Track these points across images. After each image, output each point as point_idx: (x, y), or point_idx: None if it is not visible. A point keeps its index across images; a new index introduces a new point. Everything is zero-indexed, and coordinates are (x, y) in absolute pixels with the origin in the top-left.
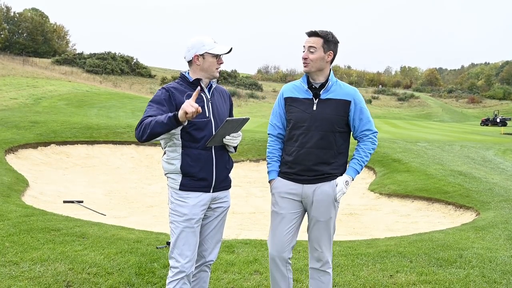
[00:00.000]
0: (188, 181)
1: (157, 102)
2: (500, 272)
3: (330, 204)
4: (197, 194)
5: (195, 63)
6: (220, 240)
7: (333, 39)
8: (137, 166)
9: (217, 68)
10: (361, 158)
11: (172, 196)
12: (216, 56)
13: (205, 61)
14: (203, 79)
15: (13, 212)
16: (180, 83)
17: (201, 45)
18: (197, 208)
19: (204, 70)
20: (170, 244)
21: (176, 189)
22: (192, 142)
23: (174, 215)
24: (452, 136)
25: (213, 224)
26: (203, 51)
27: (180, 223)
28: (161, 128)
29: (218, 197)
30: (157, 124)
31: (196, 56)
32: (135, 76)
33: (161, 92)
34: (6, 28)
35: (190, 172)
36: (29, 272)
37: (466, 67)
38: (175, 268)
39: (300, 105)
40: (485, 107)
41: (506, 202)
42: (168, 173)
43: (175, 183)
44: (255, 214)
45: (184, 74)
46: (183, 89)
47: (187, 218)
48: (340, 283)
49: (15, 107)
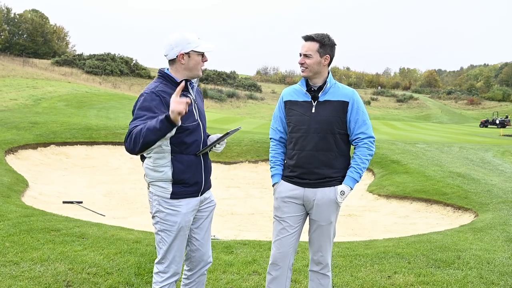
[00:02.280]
0: (179, 189)
1: (147, 108)
2: (498, 274)
3: (331, 209)
4: (188, 201)
5: (179, 62)
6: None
7: (329, 42)
8: (136, 167)
9: (201, 67)
10: (358, 165)
11: (160, 205)
12: (201, 54)
13: (191, 59)
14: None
15: (13, 213)
16: (165, 83)
17: (186, 42)
18: (189, 214)
19: (188, 69)
20: (160, 251)
21: (166, 198)
22: (183, 148)
23: (165, 224)
24: (451, 137)
25: (205, 226)
26: (189, 49)
27: (172, 232)
28: (154, 135)
29: (205, 198)
30: (149, 131)
31: (182, 55)
32: (134, 77)
33: (149, 96)
34: (6, 29)
35: (182, 179)
36: (29, 272)
37: (465, 68)
38: (164, 273)
39: (299, 108)
40: (484, 109)
41: (504, 204)
42: (155, 181)
43: (165, 191)
44: (253, 215)
45: (167, 73)
46: (171, 91)
47: (180, 226)
48: (339, 284)
49: (15, 108)
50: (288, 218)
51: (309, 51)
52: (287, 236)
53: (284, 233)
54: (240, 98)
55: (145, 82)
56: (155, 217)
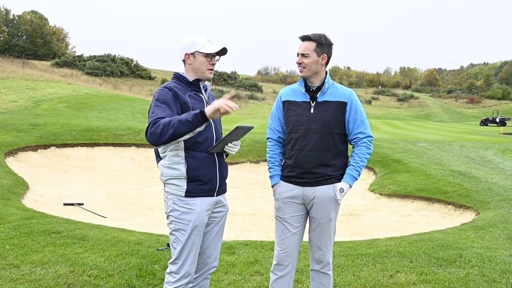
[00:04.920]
0: (194, 187)
1: (164, 102)
2: (500, 271)
3: (331, 206)
4: (203, 200)
5: (186, 62)
6: (220, 246)
7: (326, 41)
8: (137, 168)
9: (208, 69)
10: (357, 163)
11: (175, 204)
12: (207, 55)
13: (196, 60)
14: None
15: (13, 215)
16: (178, 83)
17: (192, 44)
18: (204, 214)
19: (194, 70)
20: (174, 251)
21: (181, 196)
22: (196, 146)
23: (179, 223)
24: (452, 136)
25: (215, 230)
26: (194, 50)
27: (187, 231)
28: (185, 128)
29: (220, 201)
30: (180, 123)
31: (187, 55)
32: (135, 78)
33: (164, 91)
34: (6, 31)
35: (197, 175)
36: (29, 275)
37: (465, 67)
38: (177, 274)
39: (297, 108)
40: (484, 107)
41: (505, 202)
42: (170, 179)
43: (179, 189)
44: (255, 215)
45: (181, 74)
46: (183, 89)
47: (195, 225)
48: (341, 283)
49: (15, 110)
50: (289, 218)
51: (306, 50)
52: (290, 236)
53: (287, 233)
54: (241, 98)
55: (145, 83)
56: (170, 216)
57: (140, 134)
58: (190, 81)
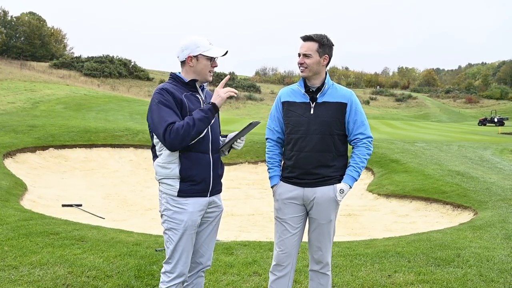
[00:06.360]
0: (187, 187)
1: (168, 106)
2: (498, 271)
3: (331, 207)
4: (195, 200)
5: (188, 64)
6: (214, 245)
7: (328, 42)
8: (136, 169)
9: (210, 72)
10: (357, 164)
11: (168, 203)
12: (210, 58)
13: (199, 63)
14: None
15: (12, 216)
16: (174, 83)
17: (195, 46)
18: (196, 214)
19: (196, 73)
20: (167, 251)
21: (174, 196)
22: (191, 145)
23: (172, 222)
24: (450, 136)
25: (208, 229)
26: (197, 53)
27: (179, 230)
28: (205, 124)
29: (213, 201)
30: (200, 122)
31: (190, 57)
32: (133, 79)
33: (163, 94)
34: (4, 32)
35: (189, 175)
36: (28, 276)
37: (463, 67)
38: (171, 274)
39: (297, 109)
40: (483, 107)
41: (503, 202)
42: (163, 178)
43: (172, 189)
44: (254, 216)
45: (177, 75)
46: (179, 89)
47: (187, 225)
48: (339, 283)
49: (13, 111)
50: (289, 219)
51: (308, 50)
52: (290, 236)
53: (287, 234)
54: (239, 99)
55: (143, 84)
56: (163, 215)
57: (138, 135)
58: (186, 81)
